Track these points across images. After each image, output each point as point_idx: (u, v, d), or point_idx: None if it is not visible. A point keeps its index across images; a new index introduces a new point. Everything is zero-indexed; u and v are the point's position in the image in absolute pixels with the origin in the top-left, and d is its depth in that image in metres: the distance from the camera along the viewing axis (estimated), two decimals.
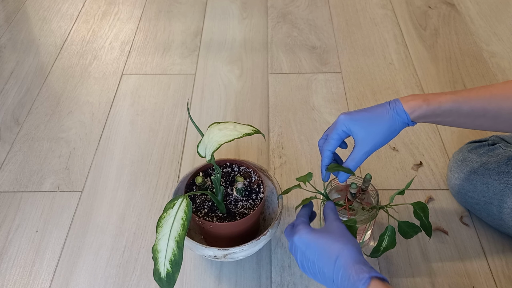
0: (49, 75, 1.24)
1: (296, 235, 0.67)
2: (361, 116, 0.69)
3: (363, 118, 0.69)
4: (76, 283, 0.82)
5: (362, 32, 1.36)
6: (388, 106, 0.69)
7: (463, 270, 0.82)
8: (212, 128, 0.71)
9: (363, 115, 0.70)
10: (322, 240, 0.64)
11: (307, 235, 0.65)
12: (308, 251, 0.64)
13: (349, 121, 0.69)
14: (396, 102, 0.69)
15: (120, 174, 0.99)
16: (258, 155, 1.02)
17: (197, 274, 0.82)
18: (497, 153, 0.84)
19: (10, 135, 1.08)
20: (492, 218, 0.84)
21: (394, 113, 0.68)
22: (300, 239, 0.66)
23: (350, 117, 0.69)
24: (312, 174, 0.74)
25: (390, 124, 0.68)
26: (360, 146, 0.70)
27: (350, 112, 0.70)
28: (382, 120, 0.69)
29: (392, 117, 0.68)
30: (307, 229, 0.66)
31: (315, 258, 0.63)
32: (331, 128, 0.72)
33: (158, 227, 0.62)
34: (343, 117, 0.70)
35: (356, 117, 0.69)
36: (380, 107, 0.70)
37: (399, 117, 0.68)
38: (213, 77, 1.22)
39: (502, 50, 1.28)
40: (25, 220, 0.91)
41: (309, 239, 0.65)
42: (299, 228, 0.67)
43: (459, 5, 1.45)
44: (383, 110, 0.69)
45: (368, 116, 0.69)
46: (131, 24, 1.41)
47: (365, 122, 0.69)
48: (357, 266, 0.59)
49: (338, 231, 0.65)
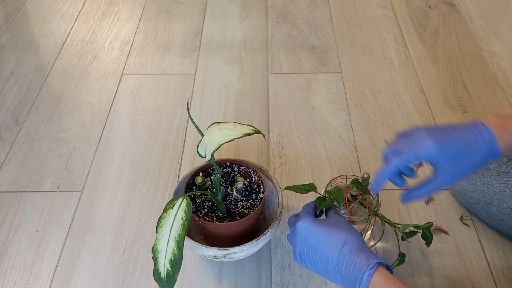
0: (49, 75, 1.24)
1: (299, 221, 0.66)
2: (452, 149, 0.61)
3: (456, 153, 0.61)
4: (76, 283, 0.82)
5: (362, 32, 1.36)
6: (483, 142, 0.61)
7: (463, 270, 0.81)
8: (212, 128, 0.71)
9: (455, 147, 0.61)
10: (327, 228, 0.64)
11: (311, 223, 0.65)
12: (311, 237, 0.64)
13: (438, 152, 0.60)
14: (492, 139, 0.61)
15: (120, 174, 0.99)
16: (258, 155, 1.02)
17: (197, 274, 0.82)
18: None
19: (10, 135, 1.08)
20: (492, 218, 0.84)
21: (487, 149, 0.61)
22: (304, 225, 0.65)
23: (440, 148, 0.60)
24: (316, 187, 0.75)
25: (480, 160, 0.61)
26: (441, 179, 0.62)
27: (438, 137, 0.61)
28: (473, 157, 0.61)
29: (485, 156, 0.61)
30: (311, 218, 0.67)
31: (318, 244, 0.63)
32: (409, 143, 0.63)
33: (158, 227, 0.62)
34: (432, 146, 0.60)
35: (447, 148, 0.61)
36: (475, 141, 0.61)
37: (491, 155, 0.61)
38: (213, 77, 1.22)
39: (502, 50, 1.28)
40: (25, 220, 0.91)
41: (313, 226, 0.65)
42: (303, 216, 0.67)
43: (459, 5, 1.45)
44: (477, 145, 0.61)
45: (460, 149, 0.61)
46: (131, 24, 1.41)
47: (458, 159, 0.61)
48: (363, 253, 0.60)
49: (341, 222, 0.66)
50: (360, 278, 0.58)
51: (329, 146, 1.03)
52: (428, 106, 1.12)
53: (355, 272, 0.59)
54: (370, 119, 1.09)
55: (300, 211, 0.70)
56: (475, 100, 1.14)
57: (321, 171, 0.98)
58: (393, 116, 1.10)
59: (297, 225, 0.66)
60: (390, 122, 1.09)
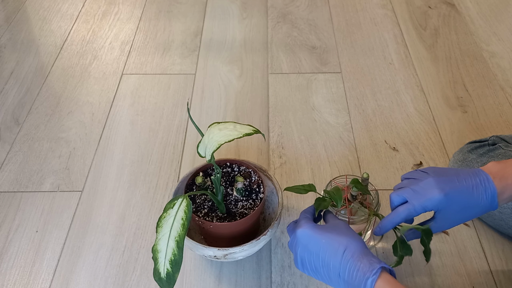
0: (49, 75, 1.24)
1: (299, 228, 0.66)
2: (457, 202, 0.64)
3: (459, 204, 0.64)
4: (76, 283, 0.82)
5: (362, 32, 1.36)
6: (485, 195, 0.63)
7: (463, 270, 0.81)
8: (212, 128, 0.71)
9: (460, 198, 0.63)
10: (327, 234, 0.63)
11: (311, 229, 0.65)
12: (312, 244, 0.63)
13: (444, 204, 0.63)
14: (493, 191, 0.63)
15: (120, 174, 0.99)
16: (258, 155, 1.02)
17: (197, 274, 0.82)
18: (497, 153, 0.83)
19: (10, 135, 1.08)
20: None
21: (487, 203, 0.64)
22: (303, 232, 0.65)
23: (447, 200, 0.63)
24: (315, 187, 0.74)
25: (479, 212, 0.65)
26: (439, 223, 0.66)
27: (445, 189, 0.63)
28: (474, 209, 0.64)
29: (484, 208, 0.64)
30: (310, 224, 0.66)
31: (319, 250, 0.62)
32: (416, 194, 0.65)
33: (158, 227, 0.62)
34: (439, 198, 0.63)
35: (453, 201, 0.63)
36: (477, 194, 0.63)
37: (490, 207, 0.64)
38: (213, 77, 1.22)
39: (502, 50, 1.28)
40: (25, 220, 0.91)
41: (313, 232, 0.64)
42: (302, 222, 0.67)
43: (459, 5, 1.45)
44: (479, 199, 0.63)
45: (464, 201, 0.64)
46: (131, 24, 1.41)
47: (459, 207, 0.64)
48: (366, 258, 0.59)
49: (341, 226, 0.65)
50: (363, 284, 0.58)
51: (329, 146, 1.03)
52: (428, 106, 1.12)
53: (358, 278, 0.58)
54: (370, 119, 1.09)
55: (299, 218, 0.70)
56: (475, 100, 1.14)
57: (321, 171, 0.98)
58: (393, 116, 1.10)
59: (297, 232, 0.66)
60: (390, 122, 1.09)
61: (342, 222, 0.67)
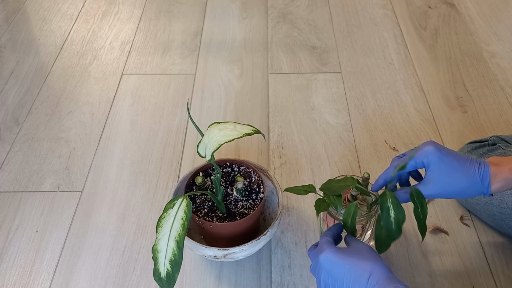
0: (49, 75, 1.24)
1: (322, 253, 0.64)
2: (448, 159, 0.65)
3: (450, 163, 0.65)
4: (76, 283, 0.82)
5: (362, 32, 1.36)
6: (477, 170, 0.65)
7: (463, 270, 0.81)
8: (212, 128, 0.71)
9: (452, 160, 0.65)
10: (351, 258, 0.62)
11: (334, 253, 0.63)
12: (335, 269, 0.62)
13: (435, 156, 0.65)
14: (486, 169, 0.65)
15: (120, 174, 0.99)
16: (258, 155, 1.02)
17: (197, 274, 0.82)
18: (497, 153, 0.83)
19: (10, 135, 1.08)
20: (492, 218, 0.84)
21: (479, 179, 0.65)
22: (326, 257, 0.63)
23: (439, 153, 0.65)
24: (315, 188, 0.74)
25: (469, 186, 0.65)
26: (428, 185, 0.66)
27: (440, 146, 0.66)
28: (464, 178, 0.65)
29: (475, 182, 0.65)
30: (333, 248, 0.64)
31: (343, 276, 0.61)
32: (412, 150, 0.68)
33: (158, 227, 0.62)
34: (432, 148, 0.65)
35: (444, 157, 0.65)
36: (469, 164, 0.65)
37: (481, 185, 0.65)
38: (213, 77, 1.22)
39: (502, 50, 1.28)
40: (25, 220, 0.91)
41: (336, 257, 0.63)
42: (324, 247, 0.65)
43: (459, 5, 1.45)
44: (470, 169, 0.65)
45: (455, 164, 0.65)
46: (131, 24, 1.41)
47: (449, 167, 0.65)
48: (392, 284, 0.58)
49: (365, 250, 0.64)
50: None
51: (329, 146, 1.03)
52: (428, 106, 1.12)
53: None
54: (370, 119, 1.09)
55: (319, 241, 0.68)
56: (475, 100, 1.14)
57: (321, 171, 0.98)
58: (393, 116, 1.10)
59: (320, 257, 0.64)
60: (390, 122, 1.09)
61: (365, 245, 0.65)
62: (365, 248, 0.64)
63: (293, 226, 0.89)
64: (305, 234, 0.87)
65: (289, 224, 0.89)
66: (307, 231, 0.88)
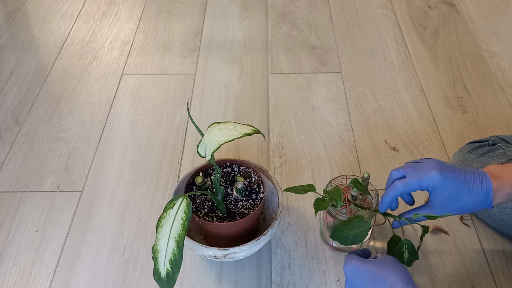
0: (49, 75, 1.24)
1: (345, 264, 0.67)
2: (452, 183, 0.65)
3: (454, 186, 0.65)
4: (76, 283, 0.82)
5: (362, 32, 1.36)
6: (480, 187, 0.65)
7: (463, 270, 0.81)
8: (212, 128, 0.71)
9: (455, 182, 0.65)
10: (370, 266, 0.64)
11: (356, 263, 0.65)
12: (356, 278, 0.64)
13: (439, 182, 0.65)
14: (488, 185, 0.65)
15: (120, 174, 0.99)
16: (258, 155, 1.02)
17: (197, 274, 0.82)
18: (498, 153, 0.83)
19: (10, 135, 1.08)
20: (492, 218, 0.84)
21: (482, 198, 0.65)
22: (348, 267, 0.66)
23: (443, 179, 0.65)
24: (314, 188, 0.75)
25: (473, 205, 0.65)
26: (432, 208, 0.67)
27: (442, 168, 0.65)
28: (468, 198, 0.65)
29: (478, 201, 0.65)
30: (356, 258, 0.67)
31: (362, 284, 0.63)
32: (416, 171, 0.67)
33: (158, 227, 0.62)
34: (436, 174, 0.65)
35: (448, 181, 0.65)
36: (473, 184, 0.65)
37: (484, 202, 0.65)
38: (213, 77, 1.22)
39: (502, 50, 1.28)
40: (25, 220, 0.91)
41: (357, 266, 0.65)
42: (348, 257, 0.68)
43: (459, 5, 1.45)
44: (474, 188, 0.65)
45: (458, 186, 0.65)
46: (131, 24, 1.41)
47: (453, 190, 0.65)
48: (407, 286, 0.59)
49: (387, 260, 0.65)
50: None
51: (329, 146, 1.03)
52: (428, 106, 1.12)
53: None
54: (370, 119, 1.09)
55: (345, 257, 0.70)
56: (475, 100, 1.14)
57: (321, 171, 0.98)
58: (393, 116, 1.10)
59: (344, 269, 0.67)
60: (390, 122, 1.09)
61: (390, 256, 0.66)
62: (388, 259, 0.66)
63: (293, 226, 0.89)
64: (305, 234, 0.87)
65: (289, 224, 0.89)
66: (307, 231, 0.88)
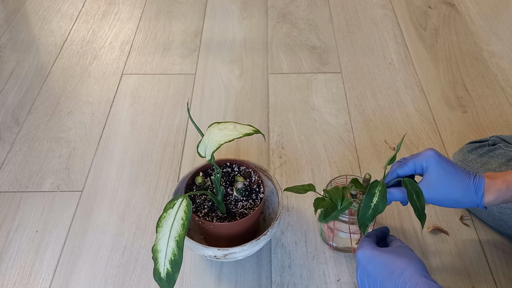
0: (49, 75, 1.24)
1: (359, 250, 0.66)
2: (446, 166, 0.66)
3: (447, 168, 0.66)
4: (76, 283, 0.82)
5: (362, 32, 1.36)
6: (472, 180, 0.66)
7: (463, 270, 0.81)
8: (212, 128, 0.71)
9: (449, 167, 0.66)
10: (385, 255, 0.63)
11: (370, 250, 0.65)
12: (370, 265, 0.63)
13: (434, 160, 0.66)
14: (481, 180, 0.66)
15: (120, 174, 0.99)
16: (258, 155, 1.02)
17: (197, 274, 0.82)
18: (498, 153, 0.84)
19: (10, 135, 1.08)
20: (492, 218, 0.84)
21: (473, 189, 0.66)
22: (363, 254, 0.65)
23: (438, 158, 0.66)
24: (314, 187, 0.75)
25: (463, 195, 0.66)
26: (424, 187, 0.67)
27: (439, 154, 0.68)
28: (459, 185, 0.66)
29: (469, 191, 0.66)
30: (371, 245, 0.66)
31: (377, 272, 0.62)
32: (412, 156, 0.70)
33: (158, 227, 0.62)
34: (432, 153, 0.67)
35: (442, 162, 0.66)
36: (465, 174, 0.67)
37: (474, 196, 0.66)
38: (213, 77, 1.22)
39: (502, 50, 1.28)
40: (25, 220, 0.91)
41: (372, 254, 0.64)
42: (363, 244, 0.67)
43: (459, 5, 1.45)
44: (466, 178, 0.66)
45: (452, 171, 0.66)
46: (131, 24, 1.41)
47: (446, 173, 0.66)
48: (424, 279, 0.58)
49: (403, 249, 0.65)
50: None
51: (329, 146, 1.03)
52: (428, 106, 1.12)
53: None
54: (370, 119, 1.09)
55: (360, 241, 0.69)
56: (475, 100, 1.14)
57: (321, 171, 0.98)
58: (393, 116, 1.10)
59: (357, 253, 0.66)
60: (390, 122, 1.09)
61: (405, 245, 0.66)
62: (403, 248, 0.65)
63: (293, 226, 0.89)
64: (305, 234, 0.87)
65: (289, 224, 0.89)
66: (307, 231, 0.88)
